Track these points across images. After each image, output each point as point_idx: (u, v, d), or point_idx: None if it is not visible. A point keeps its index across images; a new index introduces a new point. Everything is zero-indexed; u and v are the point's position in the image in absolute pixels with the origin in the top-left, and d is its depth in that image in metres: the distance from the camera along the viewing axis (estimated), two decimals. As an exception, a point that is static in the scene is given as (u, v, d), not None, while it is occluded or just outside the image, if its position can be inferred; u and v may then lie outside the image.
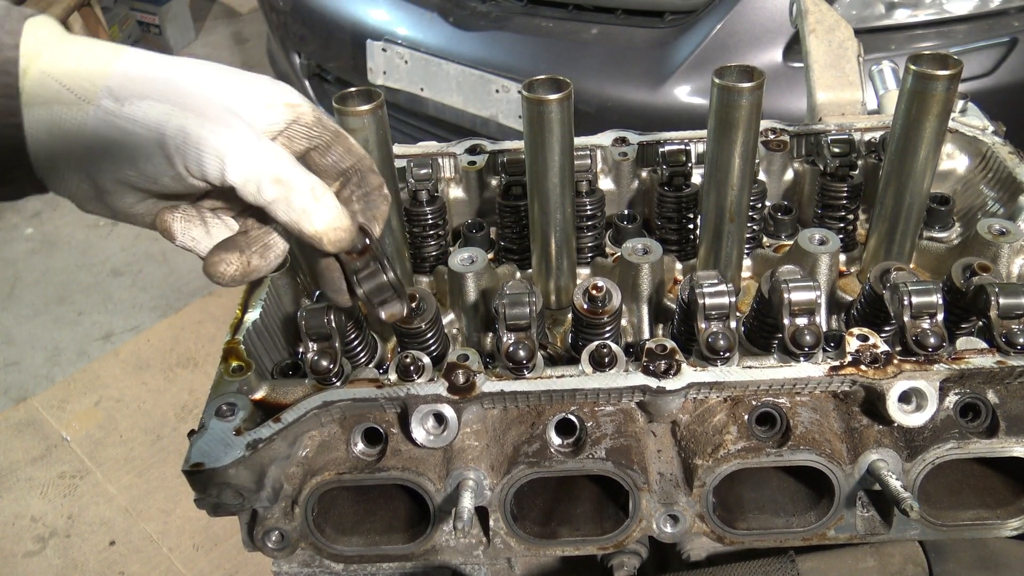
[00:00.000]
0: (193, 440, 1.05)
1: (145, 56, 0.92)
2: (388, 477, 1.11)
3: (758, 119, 1.20)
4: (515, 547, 1.17)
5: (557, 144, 1.23)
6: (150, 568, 3.35)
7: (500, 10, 3.43)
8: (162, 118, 0.87)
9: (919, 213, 1.33)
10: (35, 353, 4.40)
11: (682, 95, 3.07)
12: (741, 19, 3.04)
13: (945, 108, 1.20)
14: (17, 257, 5.11)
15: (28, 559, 3.41)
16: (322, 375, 1.09)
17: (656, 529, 1.14)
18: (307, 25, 4.00)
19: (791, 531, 1.16)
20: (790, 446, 1.08)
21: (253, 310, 1.24)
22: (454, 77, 3.43)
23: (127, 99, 0.88)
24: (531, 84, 1.21)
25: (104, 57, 0.90)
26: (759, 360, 1.10)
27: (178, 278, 4.84)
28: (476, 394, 1.08)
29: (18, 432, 3.94)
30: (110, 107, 0.88)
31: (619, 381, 1.08)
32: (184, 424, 3.90)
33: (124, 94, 0.88)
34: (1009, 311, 1.10)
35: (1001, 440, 1.09)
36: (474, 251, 1.34)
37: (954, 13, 3.01)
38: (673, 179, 1.47)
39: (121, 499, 3.61)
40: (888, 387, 1.06)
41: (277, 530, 1.13)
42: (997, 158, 1.47)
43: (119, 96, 0.88)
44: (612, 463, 1.08)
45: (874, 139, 1.55)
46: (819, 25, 1.78)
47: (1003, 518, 1.16)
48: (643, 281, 1.33)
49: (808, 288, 1.09)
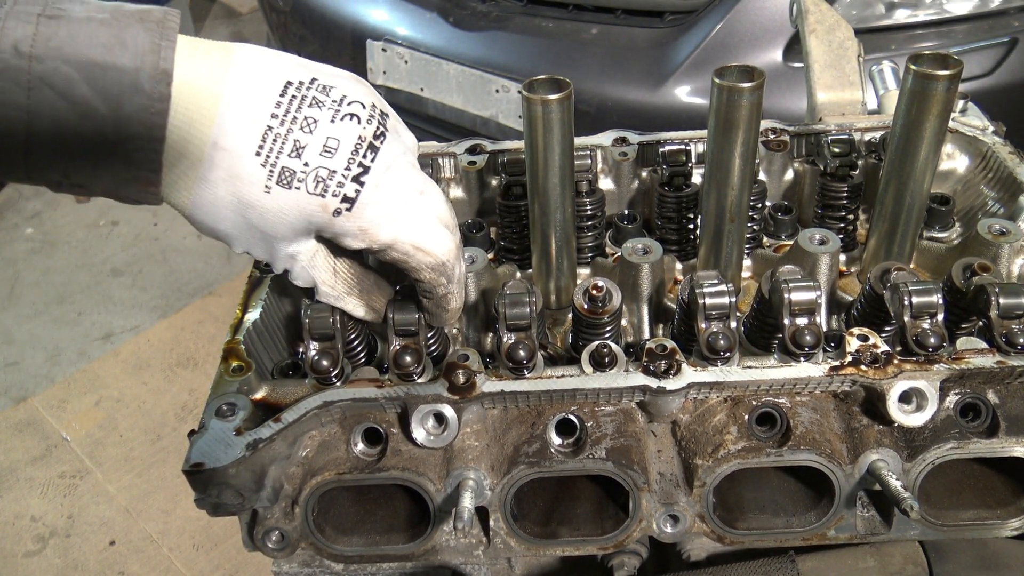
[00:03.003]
0: (193, 440, 1.05)
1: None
2: (388, 477, 1.11)
3: (758, 119, 1.20)
4: (515, 547, 1.17)
5: (557, 144, 1.23)
6: (150, 568, 3.35)
7: (500, 10, 3.43)
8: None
9: (919, 213, 1.33)
10: (35, 353, 4.40)
11: (682, 95, 3.07)
12: (741, 19, 3.04)
13: (945, 108, 1.20)
14: (17, 257, 5.11)
15: (28, 559, 3.41)
16: (322, 375, 1.09)
17: (656, 529, 1.14)
18: (307, 25, 4.00)
19: (791, 531, 1.16)
20: (790, 446, 1.08)
21: (253, 310, 1.24)
22: (454, 77, 3.43)
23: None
24: (531, 84, 1.21)
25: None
26: (759, 360, 1.10)
27: (178, 278, 4.85)
28: (476, 394, 1.08)
29: (18, 432, 3.94)
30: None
31: (619, 381, 1.08)
32: (184, 424, 3.90)
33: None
34: (1009, 311, 1.10)
35: (1001, 440, 1.09)
36: (474, 251, 1.34)
37: (954, 13, 3.01)
38: (673, 179, 1.47)
39: (121, 499, 3.61)
40: (888, 387, 1.06)
41: (277, 530, 1.13)
42: (997, 158, 1.47)
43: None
44: (612, 463, 1.08)
45: (874, 139, 1.54)
46: (819, 25, 1.78)
47: (1003, 518, 1.16)
48: (643, 281, 1.33)
49: (808, 288, 1.09)
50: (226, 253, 5.01)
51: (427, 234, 1.01)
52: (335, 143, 0.93)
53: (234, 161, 0.91)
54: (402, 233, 0.99)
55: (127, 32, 0.85)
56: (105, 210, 5.53)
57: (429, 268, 1.03)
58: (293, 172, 0.92)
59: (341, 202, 0.94)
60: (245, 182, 0.91)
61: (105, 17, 0.85)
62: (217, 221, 0.95)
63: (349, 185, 0.94)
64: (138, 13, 0.87)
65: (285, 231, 0.96)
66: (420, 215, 1.00)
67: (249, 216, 0.94)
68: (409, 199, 0.99)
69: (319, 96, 0.94)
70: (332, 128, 0.93)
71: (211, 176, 0.91)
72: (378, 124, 0.97)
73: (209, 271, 4.89)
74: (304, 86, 0.94)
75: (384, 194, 0.97)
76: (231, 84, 0.90)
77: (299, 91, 0.93)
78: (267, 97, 0.92)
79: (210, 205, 0.93)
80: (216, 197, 0.92)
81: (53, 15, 0.83)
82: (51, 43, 0.82)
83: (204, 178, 0.91)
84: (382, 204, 0.97)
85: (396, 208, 0.98)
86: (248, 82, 0.91)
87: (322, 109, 0.93)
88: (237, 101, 0.90)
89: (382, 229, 0.97)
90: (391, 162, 0.98)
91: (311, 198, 0.93)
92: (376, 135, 0.96)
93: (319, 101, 0.94)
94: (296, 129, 0.92)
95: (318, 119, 0.93)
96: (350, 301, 1.11)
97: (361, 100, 0.97)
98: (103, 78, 0.83)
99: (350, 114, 0.95)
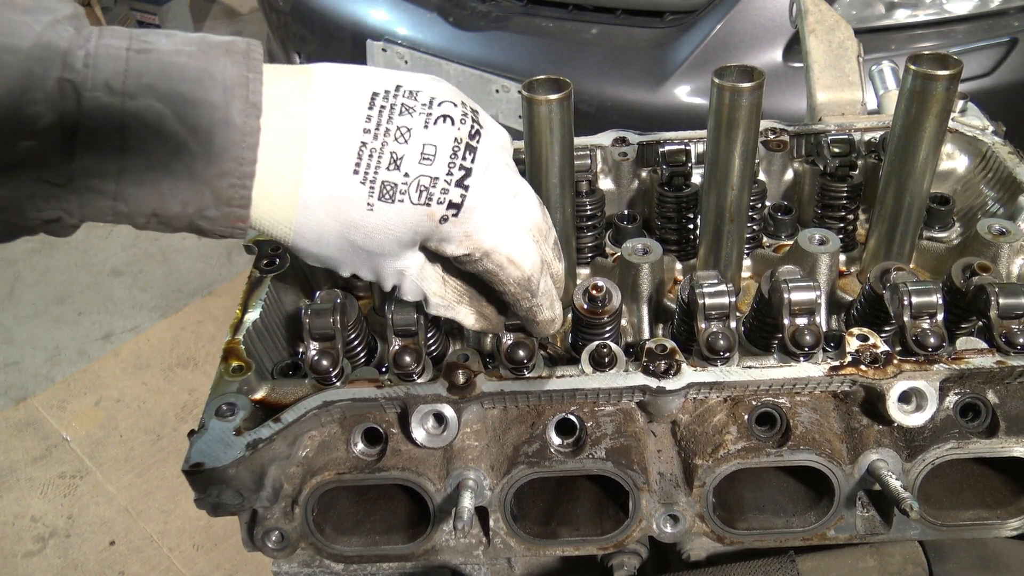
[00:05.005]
0: (193, 440, 1.05)
1: None
2: (388, 477, 1.11)
3: (758, 119, 1.20)
4: (515, 547, 1.17)
5: (557, 144, 1.23)
6: (150, 568, 3.35)
7: (500, 10, 3.43)
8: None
9: (919, 213, 1.33)
10: (35, 353, 4.40)
11: (682, 95, 3.07)
12: (741, 19, 3.04)
13: (945, 108, 1.20)
14: (17, 257, 5.11)
15: (28, 559, 3.41)
16: (322, 375, 1.09)
17: (656, 529, 1.14)
18: (307, 25, 4.00)
19: (791, 531, 1.16)
20: (790, 446, 1.09)
21: (253, 310, 1.24)
22: (454, 77, 3.43)
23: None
24: (531, 84, 1.21)
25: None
26: (759, 360, 1.11)
27: (178, 278, 4.85)
28: (476, 394, 1.08)
29: (18, 432, 3.94)
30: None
31: (619, 381, 1.08)
32: (184, 424, 3.90)
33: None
34: (1009, 311, 1.10)
35: (1001, 440, 1.09)
36: (474, 251, 1.34)
37: (954, 13, 3.01)
38: (673, 179, 1.47)
39: (121, 499, 3.61)
40: (888, 387, 1.06)
41: (277, 530, 1.13)
42: (997, 158, 1.47)
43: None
44: (612, 463, 1.08)
45: (874, 139, 1.55)
46: (819, 25, 1.78)
47: (1003, 518, 1.16)
48: (643, 281, 1.33)
49: (808, 288, 1.09)
50: (226, 253, 5.00)
51: (518, 244, 0.97)
52: (432, 149, 0.90)
53: (332, 183, 0.88)
54: (501, 241, 0.95)
55: (215, 65, 0.82)
56: (105, 210, 5.52)
57: (515, 282, 0.99)
58: (394, 185, 0.89)
59: (447, 208, 0.91)
60: (346, 202, 0.88)
61: (192, 50, 0.82)
62: (321, 247, 0.92)
63: (454, 191, 0.90)
64: (224, 45, 0.84)
65: (391, 246, 0.93)
66: (515, 222, 0.97)
67: (353, 238, 0.91)
68: (506, 203, 0.96)
69: (408, 103, 0.90)
70: (427, 134, 0.90)
71: (310, 202, 0.88)
72: (472, 123, 0.93)
73: (209, 271, 4.89)
74: (391, 95, 0.90)
75: (486, 197, 0.93)
76: (317, 105, 0.88)
77: (387, 100, 0.90)
78: (356, 112, 0.89)
79: (312, 232, 0.90)
80: (317, 222, 0.89)
81: (142, 49, 0.81)
82: (143, 80, 0.79)
83: (303, 205, 0.88)
84: (485, 208, 0.93)
85: (497, 212, 0.94)
86: (334, 100, 0.88)
87: (413, 116, 0.90)
88: (327, 121, 0.87)
89: (486, 235, 0.94)
90: (490, 160, 0.94)
91: (416, 208, 0.90)
92: (472, 134, 0.93)
93: (409, 108, 0.90)
94: (391, 141, 0.88)
95: (411, 127, 0.89)
96: (461, 310, 1.07)
97: (451, 100, 0.93)
98: (194, 114, 0.81)
99: (443, 116, 0.91)
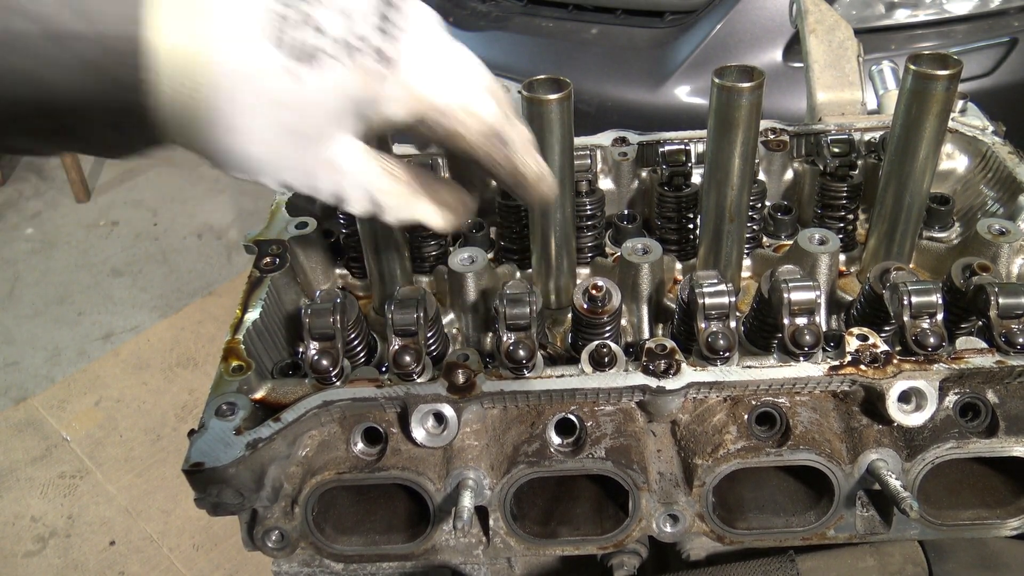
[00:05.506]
0: (193, 440, 1.05)
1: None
2: (388, 477, 1.11)
3: (758, 119, 1.20)
4: (515, 547, 1.17)
5: (557, 144, 1.23)
6: (150, 568, 3.35)
7: (500, 10, 3.43)
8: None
9: (919, 213, 1.33)
10: (35, 353, 4.41)
11: (682, 95, 3.08)
12: (741, 19, 3.04)
13: (945, 108, 1.20)
14: (17, 257, 5.12)
15: (28, 559, 3.41)
16: (322, 375, 1.09)
17: (656, 529, 1.14)
18: (307, 25, 3.99)
19: (791, 531, 1.16)
20: (790, 446, 1.09)
21: (253, 310, 1.24)
22: (454, 77, 3.43)
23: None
24: (531, 84, 1.21)
25: None
26: (759, 360, 1.11)
27: (178, 278, 4.85)
28: (476, 394, 1.08)
29: (18, 432, 3.94)
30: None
31: (619, 381, 1.08)
32: (184, 424, 3.91)
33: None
34: (1009, 311, 1.10)
35: (1001, 440, 1.09)
36: (474, 251, 1.34)
37: (954, 13, 3.02)
38: (673, 179, 1.47)
39: (121, 499, 3.61)
40: (888, 387, 1.06)
41: (277, 530, 1.13)
42: (997, 158, 1.48)
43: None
44: (612, 463, 1.08)
45: (874, 139, 1.55)
46: (819, 25, 1.78)
47: (1003, 518, 1.16)
48: (643, 281, 1.33)
49: (808, 288, 1.09)
50: (226, 253, 5.01)
51: (473, 96, 0.92)
52: (352, 3, 0.83)
53: (248, 55, 0.79)
54: (452, 94, 0.90)
55: None
56: (105, 210, 5.54)
57: (479, 134, 0.93)
58: (317, 48, 0.81)
59: (378, 62, 0.84)
60: (268, 75, 0.80)
61: None
62: (248, 142, 0.83)
63: (385, 44, 0.84)
64: None
65: (328, 126, 0.86)
66: (463, 77, 0.92)
67: (283, 118, 0.83)
68: (449, 57, 0.91)
69: None
70: None
71: (225, 82, 0.79)
72: None
73: (209, 271, 4.89)
74: None
75: (423, 49, 0.88)
76: None
77: None
78: None
79: (232, 120, 0.81)
80: (239, 106, 0.81)
81: None
82: None
83: (216, 87, 0.79)
84: (425, 60, 0.88)
85: (439, 65, 0.89)
86: None
87: None
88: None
89: (432, 89, 0.89)
90: (419, 16, 0.88)
91: (345, 71, 0.83)
92: None
93: None
94: (303, 3, 0.81)
95: None
96: (419, 206, 0.99)
97: None
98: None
99: None
